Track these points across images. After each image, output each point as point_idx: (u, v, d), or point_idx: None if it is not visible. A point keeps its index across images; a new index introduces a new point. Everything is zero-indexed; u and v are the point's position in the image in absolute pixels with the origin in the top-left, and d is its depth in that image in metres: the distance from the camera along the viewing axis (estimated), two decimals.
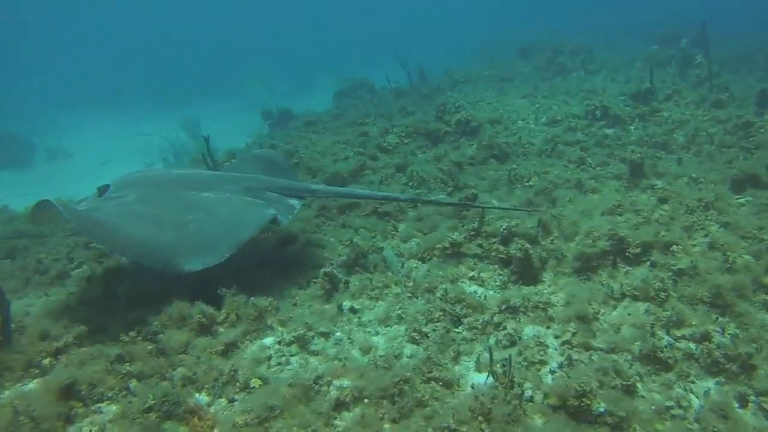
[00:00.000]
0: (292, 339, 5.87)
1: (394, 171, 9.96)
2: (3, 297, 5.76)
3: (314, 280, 7.02)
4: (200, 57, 50.59)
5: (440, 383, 5.19)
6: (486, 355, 5.50)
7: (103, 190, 6.19)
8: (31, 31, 62.80)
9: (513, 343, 5.80)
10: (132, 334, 5.98)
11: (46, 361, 5.69)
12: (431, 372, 5.26)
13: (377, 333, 6.09)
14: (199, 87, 43.87)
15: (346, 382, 5.19)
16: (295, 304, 6.52)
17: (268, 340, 5.92)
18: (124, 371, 5.38)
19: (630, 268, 6.99)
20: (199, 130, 26.53)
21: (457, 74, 19.64)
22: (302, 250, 7.78)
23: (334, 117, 14.08)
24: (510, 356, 5.22)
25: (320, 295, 6.68)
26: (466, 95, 15.88)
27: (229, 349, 5.77)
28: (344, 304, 6.49)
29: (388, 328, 6.14)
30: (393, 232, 8.20)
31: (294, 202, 6.76)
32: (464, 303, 6.25)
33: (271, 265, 7.26)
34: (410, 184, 9.47)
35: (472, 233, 7.51)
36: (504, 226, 7.26)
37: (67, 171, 27.19)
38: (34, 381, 5.53)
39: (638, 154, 9.39)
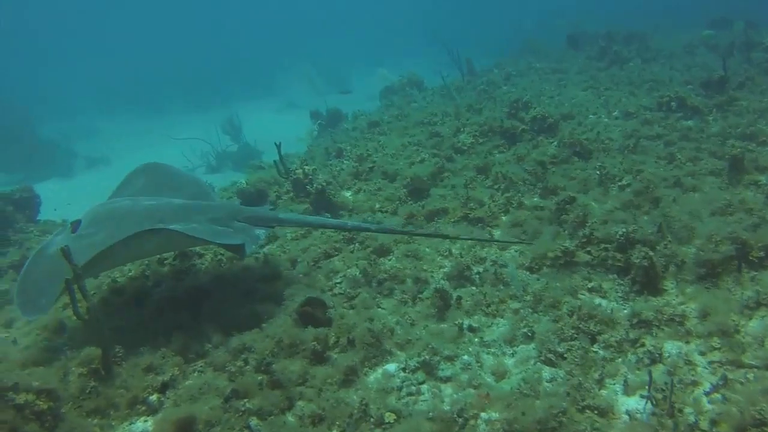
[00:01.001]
0: (417, 365, 5.46)
1: (475, 173, 9.51)
2: (102, 328, 5.42)
3: (420, 295, 6.62)
4: (230, 57, 50.29)
5: (595, 412, 4.76)
6: (632, 376, 5.08)
7: (75, 225, 6.12)
8: (66, 34, 63.02)
9: (654, 361, 5.35)
10: (239, 363, 5.62)
11: (153, 398, 5.33)
12: (584, 400, 4.83)
13: (504, 354, 5.66)
14: (230, 88, 43.72)
15: (494, 414, 4.77)
16: (412, 324, 6.11)
17: (391, 367, 5.52)
18: (243, 408, 5.00)
19: (756, 273, 6.48)
20: (241, 133, 26.21)
21: (508, 66, 19.14)
22: (399, 260, 7.37)
23: (396, 117, 13.64)
24: (671, 379, 4.77)
25: (434, 314, 6.27)
26: (525, 89, 15.37)
27: (350, 378, 5.38)
28: (464, 323, 6.07)
29: (516, 348, 5.72)
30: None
31: (260, 232, 6.62)
32: (596, 319, 5.80)
33: (368, 279, 6.93)
34: (496, 186, 9.03)
35: (584, 240, 7.04)
36: (620, 233, 6.79)
37: (108, 179, 26.87)
38: (143, 419, 5.19)
39: (738, 149, 8.86)
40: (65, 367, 5.53)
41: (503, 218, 8.18)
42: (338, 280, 7.16)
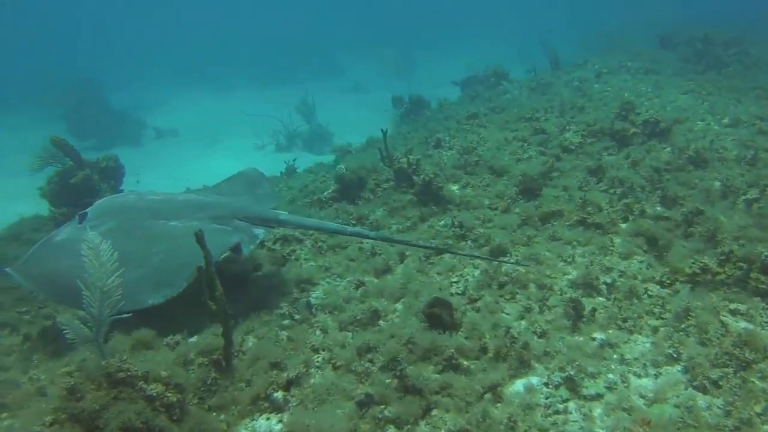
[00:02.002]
0: (560, 381, 5.11)
1: (586, 174, 9.06)
2: (229, 319, 5.16)
3: (547, 304, 6.25)
4: (295, 36, 50.13)
5: None
6: None
7: (82, 217, 6.30)
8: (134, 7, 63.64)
9: None
10: (365, 364, 5.34)
11: (278, 395, 5.05)
12: None
13: (648, 375, 5.27)
14: (294, 67, 43.57)
15: None
16: (543, 335, 5.74)
17: (532, 381, 5.16)
18: (380, 416, 4.70)
19: None
20: (313, 114, 25.98)
21: (596, 64, 18.50)
22: (520, 263, 7.00)
23: (492, 109, 13.20)
24: None
25: (567, 325, 5.89)
26: (620, 88, 14.78)
27: (490, 390, 5.05)
28: (599, 337, 5.69)
29: (660, 369, 5.32)
30: (610, 247, 7.34)
31: (259, 231, 6.63)
32: (750, 345, 5.37)
33: (489, 280, 6.60)
34: (611, 191, 8.58)
35: (722, 257, 6.58)
36: (766, 254, 6.32)
37: (177, 150, 27.08)
38: (265, 416, 4.91)
39: None
40: (184, 355, 5.29)
41: (622, 225, 7.74)
42: (455, 279, 6.83)
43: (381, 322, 6.11)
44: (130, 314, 5.11)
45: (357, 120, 28.40)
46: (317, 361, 5.56)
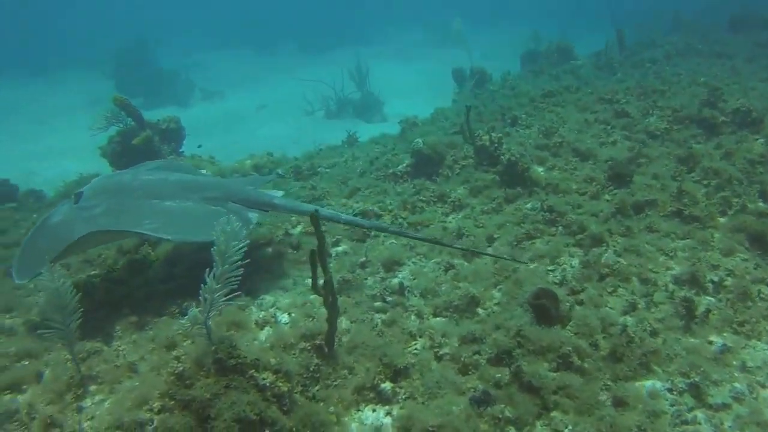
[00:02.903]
0: (684, 387, 4.79)
1: (676, 163, 8.62)
2: (336, 304, 4.88)
3: (654, 300, 5.91)
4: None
5: None
6: None
7: (77, 196, 6.26)
8: None
9: None
10: (471, 355, 5.06)
11: (386, 386, 4.79)
12: None
13: None
14: (341, 33, 43.09)
15: None
16: (655, 333, 5.40)
17: (653, 385, 4.84)
18: (500, 415, 4.42)
19: None
20: (366, 81, 25.56)
21: (665, 44, 17.88)
22: (620, 254, 6.64)
23: (566, 88, 12.71)
24: None
25: (680, 326, 5.55)
26: (695, 72, 14.21)
27: (609, 392, 4.74)
28: (715, 340, 5.35)
29: None
30: (711, 242, 6.95)
31: (252, 215, 6.48)
32: None
33: (589, 271, 6.27)
34: (705, 182, 8.15)
35: None
36: None
37: (224, 112, 26.88)
38: (371, 407, 4.66)
39: None
40: (284, 339, 5.04)
41: (720, 220, 7.33)
42: (551, 267, 6.50)
43: (479, 309, 5.81)
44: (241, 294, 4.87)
45: (405, 89, 27.97)
46: (416, 349, 5.29)
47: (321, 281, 4.76)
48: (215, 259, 4.21)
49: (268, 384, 4.09)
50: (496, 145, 8.68)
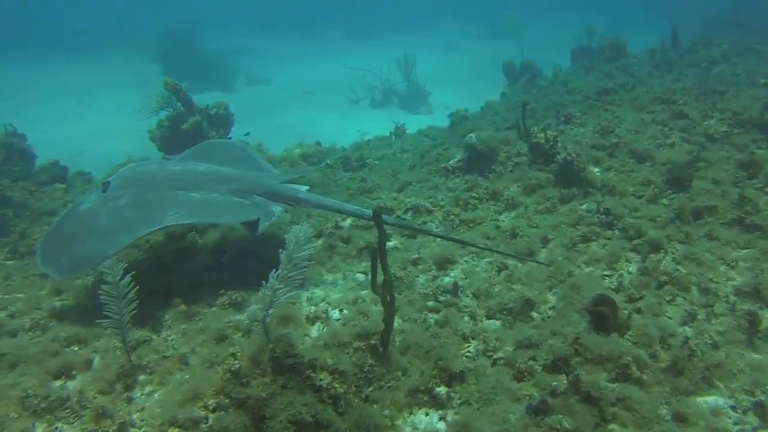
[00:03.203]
0: (748, 405, 4.63)
1: (737, 168, 8.35)
2: (393, 304, 4.80)
3: (714, 311, 5.73)
4: None
5: None
6: None
7: (105, 185, 6.37)
8: None
9: None
10: (528, 361, 4.95)
11: (441, 390, 4.71)
12: None
13: None
14: (385, 21, 42.86)
15: None
16: (715, 347, 5.23)
17: (716, 401, 4.69)
18: (557, 426, 4.31)
19: None
20: (412, 71, 25.38)
21: (722, 43, 17.43)
22: (678, 261, 6.46)
23: (621, 86, 12.43)
24: None
25: (742, 340, 5.37)
26: (753, 72, 13.76)
27: (671, 407, 4.60)
28: None
29: None
30: None
31: (276, 208, 6.51)
32: None
33: (647, 278, 6.11)
34: (767, 189, 7.90)
35: None
36: None
37: (270, 99, 26.92)
38: (424, 411, 4.57)
39: None
40: (337, 337, 4.98)
41: None
42: (607, 272, 6.35)
43: (534, 313, 5.70)
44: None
45: (451, 80, 27.73)
46: (469, 351, 5.20)
47: (380, 280, 4.67)
48: (282, 260, 4.15)
49: (324, 385, 4.04)
50: (551, 143, 8.50)
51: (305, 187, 7.27)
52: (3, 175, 11.08)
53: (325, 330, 5.35)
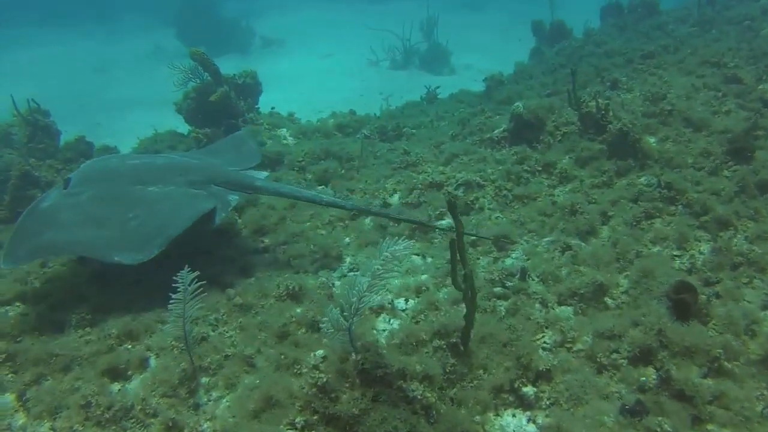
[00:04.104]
0: None
1: None
2: (474, 300, 4.53)
3: None
4: None
5: None
6: None
7: (66, 182, 6.40)
8: None
9: None
10: (611, 354, 4.71)
11: (528, 390, 4.47)
12: None
13: None
14: None
15: None
16: None
17: None
18: (657, 429, 4.06)
19: None
20: (434, 31, 24.80)
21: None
22: (752, 241, 6.16)
23: (664, 48, 11.95)
24: None
25: None
26: None
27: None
28: None
29: None
30: None
31: (233, 198, 6.51)
32: None
33: (721, 260, 5.82)
34: None
35: None
36: None
37: (286, 62, 26.46)
38: (510, 412, 4.35)
39: None
40: (415, 336, 4.73)
41: None
42: (677, 253, 6.06)
43: (607, 299, 5.44)
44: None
45: (471, 40, 27.13)
46: (545, 342, 4.96)
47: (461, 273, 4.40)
48: (366, 272, 3.87)
49: (417, 395, 3.80)
50: (602, 112, 8.15)
51: (264, 174, 7.28)
52: (29, 153, 10.83)
53: (395, 325, 5.09)
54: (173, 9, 30.51)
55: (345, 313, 3.85)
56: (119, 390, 4.75)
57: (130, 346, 5.26)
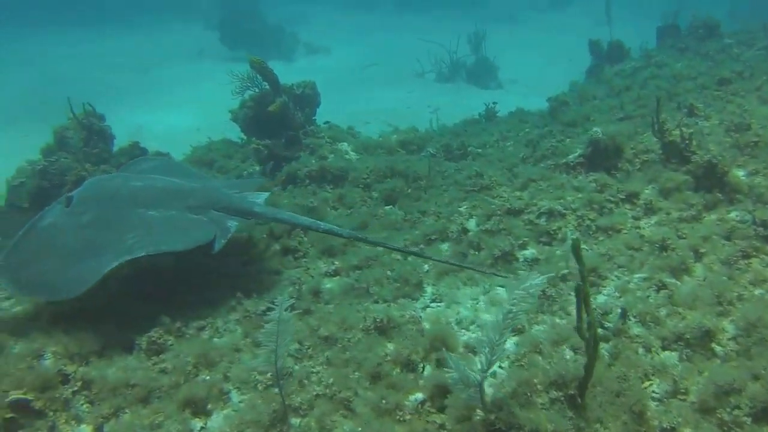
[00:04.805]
0: None
1: None
2: (596, 347, 4.22)
3: None
4: None
5: None
6: None
7: (68, 200, 6.33)
8: None
9: None
10: (732, 411, 4.40)
11: None
12: None
13: None
14: None
15: None
16: None
17: None
18: None
19: None
20: (482, 45, 24.52)
21: None
22: None
23: (738, 74, 11.52)
24: None
25: None
26: None
27: None
28: None
29: None
30: None
31: (232, 224, 6.38)
32: None
33: None
34: None
35: None
36: None
37: (331, 69, 26.32)
38: None
39: None
40: (529, 385, 4.45)
41: None
42: None
43: (714, 345, 5.12)
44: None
45: (516, 54, 26.81)
46: (654, 392, 4.66)
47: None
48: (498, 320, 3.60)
49: None
50: (687, 141, 7.83)
51: (263, 196, 7.16)
52: (85, 158, 10.73)
53: (496, 367, 4.81)
54: (216, 12, 30.46)
55: (477, 366, 3.57)
56: (202, 428, 4.52)
57: (207, 377, 5.03)
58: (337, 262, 6.94)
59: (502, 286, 6.20)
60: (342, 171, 9.08)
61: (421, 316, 5.69)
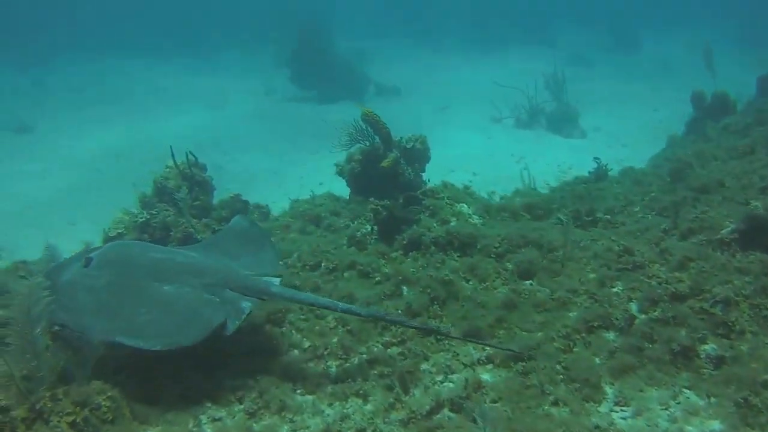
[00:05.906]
0: None
1: None
2: None
3: None
4: None
5: None
6: None
7: (87, 261, 6.38)
8: None
9: None
10: None
11: None
12: None
13: None
14: (505, 30, 41.63)
15: None
16: None
17: None
18: None
19: None
20: (563, 90, 24.05)
21: None
22: None
23: None
24: None
25: None
26: None
27: None
28: None
29: None
30: None
31: (246, 305, 6.20)
32: None
33: None
34: None
35: None
36: None
37: (404, 112, 25.98)
38: None
39: None
40: None
41: None
42: None
43: None
44: None
45: (592, 98, 26.23)
46: None
47: None
48: None
49: None
50: None
51: (278, 280, 6.95)
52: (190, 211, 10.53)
53: None
54: (287, 50, 30.42)
55: None
56: None
57: None
58: (487, 349, 6.46)
59: (688, 388, 5.68)
60: (471, 238, 8.59)
61: None
